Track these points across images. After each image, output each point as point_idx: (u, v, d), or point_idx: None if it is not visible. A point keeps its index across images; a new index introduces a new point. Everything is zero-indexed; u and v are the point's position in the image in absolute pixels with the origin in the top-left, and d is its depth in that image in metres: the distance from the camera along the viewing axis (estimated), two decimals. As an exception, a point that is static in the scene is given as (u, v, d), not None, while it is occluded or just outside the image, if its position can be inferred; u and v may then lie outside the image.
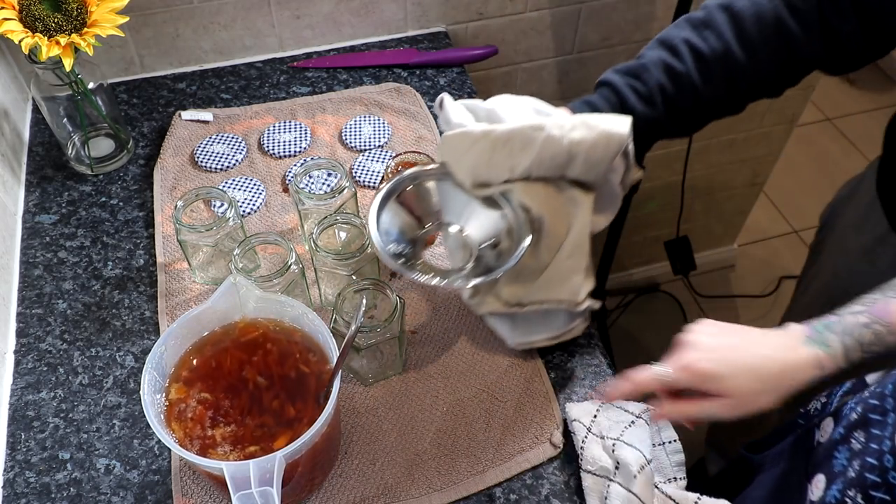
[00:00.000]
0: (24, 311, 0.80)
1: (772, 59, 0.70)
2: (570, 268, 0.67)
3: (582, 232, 0.67)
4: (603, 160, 0.65)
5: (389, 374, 0.75)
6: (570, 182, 0.68)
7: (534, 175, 0.66)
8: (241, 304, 0.64)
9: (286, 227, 0.88)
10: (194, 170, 0.94)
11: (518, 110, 0.69)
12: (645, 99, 0.71)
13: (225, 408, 0.61)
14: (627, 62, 0.74)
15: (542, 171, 0.66)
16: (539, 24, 1.24)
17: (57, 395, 0.73)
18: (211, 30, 1.06)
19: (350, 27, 1.12)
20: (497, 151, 0.65)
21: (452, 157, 0.68)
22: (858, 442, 0.52)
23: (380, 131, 0.98)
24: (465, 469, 0.69)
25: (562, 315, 0.72)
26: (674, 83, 0.71)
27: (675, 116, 0.72)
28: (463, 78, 1.09)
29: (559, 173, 0.67)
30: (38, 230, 0.87)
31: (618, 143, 0.64)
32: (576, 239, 0.67)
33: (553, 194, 0.68)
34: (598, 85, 0.75)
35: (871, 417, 0.51)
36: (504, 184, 0.67)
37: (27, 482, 0.68)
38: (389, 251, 0.66)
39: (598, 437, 0.65)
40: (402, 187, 0.71)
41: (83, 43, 0.78)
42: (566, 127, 0.64)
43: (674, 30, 0.73)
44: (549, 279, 0.68)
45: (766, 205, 2.22)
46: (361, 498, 0.67)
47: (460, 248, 0.72)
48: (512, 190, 0.67)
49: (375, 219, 0.67)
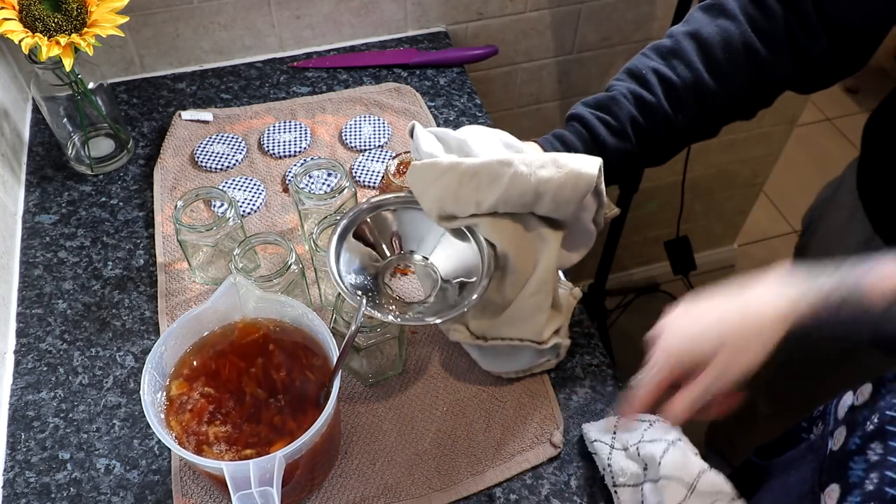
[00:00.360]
0: (24, 311, 0.80)
1: (742, 84, 0.70)
2: (532, 306, 0.67)
3: (547, 270, 0.66)
4: (571, 200, 0.63)
5: (389, 374, 0.75)
6: (538, 218, 0.67)
7: (501, 210, 0.65)
8: (241, 304, 0.64)
9: (286, 227, 0.88)
10: (194, 170, 0.94)
11: (488, 143, 0.68)
12: (617, 133, 0.70)
13: (226, 409, 0.60)
14: (596, 95, 0.74)
15: (508, 206, 0.65)
16: (539, 24, 1.24)
17: (57, 395, 0.73)
18: (211, 30, 1.06)
19: (350, 27, 1.12)
20: (464, 185, 0.64)
21: (420, 187, 0.67)
22: (875, 453, 0.51)
23: (380, 131, 0.98)
24: (465, 469, 0.69)
25: (528, 352, 0.72)
26: (645, 115, 0.70)
27: (648, 147, 0.72)
28: (463, 78, 1.09)
29: (527, 210, 0.65)
30: (38, 230, 0.87)
31: (586, 184, 0.63)
32: (541, 277, 0.66)
33: (520, 231, 0.67)
34: (568, 118, 0.74)
35: (889, 429, 0.51)
36: (470, 218, 0.66)
37: (27, 482, 0.68)
38: (350, 286, 0.66)
39: (621, 449, 0.65)
40: (361, 219, 0.70)
41: (83, 43, 0.78)
42: (535, 164, 0.63)
43: (642, 59, 0.73)
44: (513, 316, 0.67)
45: (766, 205, 2.22)
46: (361, 498, 0.67)
47: (427, 277, 0.71)
48: (478, 224, 0.66)
49: (335, 253, 0.66)
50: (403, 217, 0.71)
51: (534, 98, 1.37)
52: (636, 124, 0.70)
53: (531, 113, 1.40)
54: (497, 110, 1.35)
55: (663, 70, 0.70)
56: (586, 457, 0.70)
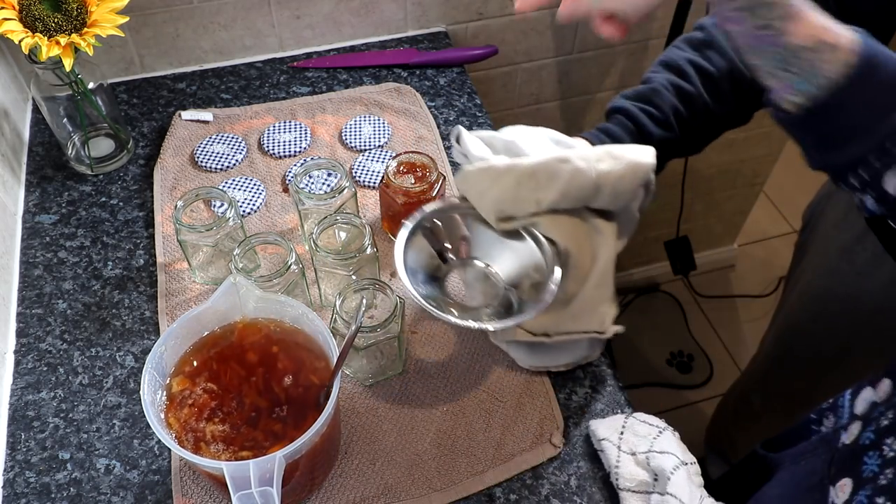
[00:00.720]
0: (24, 311, 0.80)
1: None
2: (597, 298, 0.67)
3: (607, 261, 0.67)
4: (629, 190, 0.65)
5: (389, 374, 0.75)
6: (592, 211, 0.67)
7: (560, 208, 0.66)
8: (241, 304, 0.64)
9: (286, 227, 0.88)
10: (194, 170, 0.94)
11: (538, 142, 0.68)
12: (661, 123, 0.71)
13: (227, 408, 0.60)
14: (635, 87, 0.74)
15: (567, 203, 0.65)
16: (539, 24, 1.24)
17: (57, 395, 0.73)
18: (211, 30, 1.06)
19: (350, 27, 1.12)
20: (522, 185, 0.64)
21: (475, 192, 0.67)
22: (892, 449, 0.51)
23: (380, 131, 0.98)
24: (465, 469, 0.69)
25: (585, 342, 0.72)
26: (686, 104, 0.71)
27: (689, 136, 0.73)
28: (463, 78, 1.09)
29: (584, 204, 0.66)
30: (38, 230, 0.87)
31: (644, 173, 0.64)
32: (602, 268, 0.67)
33: (578, 226, 0.67)
34: (610, 112, 0.75)
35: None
36: (529, 217, 0.67)
37: (27, 482, 0.68)
38: (420, 293, 0.65)
39: (629, 454, 0.65)
40: (425, 223, 0.70)
41: (83, 43, 0.78)
42: (592, 158, 0.63)
43: (676, 51, 0.73)
44: (578, 310, 0.68)
45: (766, 205, 2.22)
46: (361, 498, 0.67)
47: (481, 282, 0.71)
48: (537, 223, 0.67)
49: (402, 259, 0.65)
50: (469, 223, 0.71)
51: (534, 98, 1.37)
52: (678, 114, 0.71)
53: (531, 113, 1.40)
54: (497, 110, 1.35)
55: (699, 60, 0.71)
56: (586, 457, 0.70)
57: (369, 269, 0.76)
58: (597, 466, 0.70)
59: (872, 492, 0.49)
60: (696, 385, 1.78)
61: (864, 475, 0.52)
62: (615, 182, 0.64)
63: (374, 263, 0.76)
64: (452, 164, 0.96)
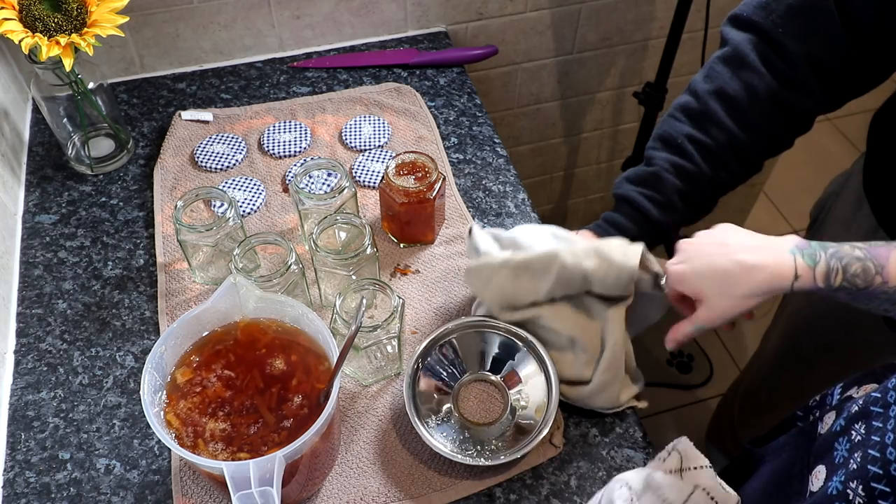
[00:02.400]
0: (24, 311, 0.80)
1: (776, 128, 0.72)
2: (607, 381, 0.70)
3: (616, 345, 0.69)
4: (617, 286, 0.67)
5: (389, 374, 0.75)
6: (599, 298, 0.70)
7: (558, 296, 0.70)
8: (241, 304, 0.64)
9: (286, 227, 0.88)
10: (194, 170, 0.94)
11: (537, 237, 0.73)
12: (665, 207, 0.74)
13: (228, 408, 0.60)
14: (637, 169, 0.77)
15: (564, 291, 0.69)
16: (539, 24, 1.24)
17: (57, 395, 0.73)
18: (211, 30, 1.06)
19: (350, 27, 1.12)
20: (519, 277, 0.69)
21: (479, 284, 0.72)
22: (859, 433, 0.52)
23: (380, 131, 0.98)
24: (465, 469, 0.69)
25: None
26: (689, 183, 0.73)
27: (698, 208, 0.76)
28: (463, 78, 1.09)
29: (582, 291, 0.69)
30: (38, 230, 0.87)
31: (628, 274, 0.66)
32: (610, 353, 0.69)
33: (581, 315, 0.71)
34: (616, 199, 0.78)
35: (873, 410, 0.52)
36: (531, 308, 0.71)
37: (27, 482, 0.68)
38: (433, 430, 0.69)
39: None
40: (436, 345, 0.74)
41: (83, 43, 0.78)
42: (579, 255, 0.67)
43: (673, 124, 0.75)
44: (591, 391, 0.71)
45: (766, 205, 2.22)
46: (361, 498, 0.67)
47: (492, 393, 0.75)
48: (540, 315, 0.71)
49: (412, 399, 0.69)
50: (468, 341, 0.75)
51: (534, 98, 1.37)
52: (682, 194, 0.74)
53: (531, 113, 1.40)
54: (497, 110, 1.35)
55: (697, 136, 0.72)
56: (586, 457, 0.70)
57: (369, 269, 0.76)
58: (597, 466, 0.70)
59: (845, 477, 0.50)
60: (696, 385, 1.78)
61: (836, 461, 0.53)
62: (602, 278, 0.66)
63: (374, 263, 0.76)
64: (452, 164, 0.96)
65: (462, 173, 0.95)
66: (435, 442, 0.67)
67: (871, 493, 0.47)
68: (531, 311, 0.71)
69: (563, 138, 1.50)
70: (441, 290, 0.82)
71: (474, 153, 0.98)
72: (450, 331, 0.74)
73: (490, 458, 0.66)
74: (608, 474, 0.69)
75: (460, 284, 0.82)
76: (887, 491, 0.46)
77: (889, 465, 0.47)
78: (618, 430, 0.72)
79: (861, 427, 0.52)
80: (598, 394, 0.70)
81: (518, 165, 1.28)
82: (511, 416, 0.71)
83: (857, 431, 0.52)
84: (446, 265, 0.84)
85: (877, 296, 0.56)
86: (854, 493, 0.48)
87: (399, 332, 0.70)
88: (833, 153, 2.35)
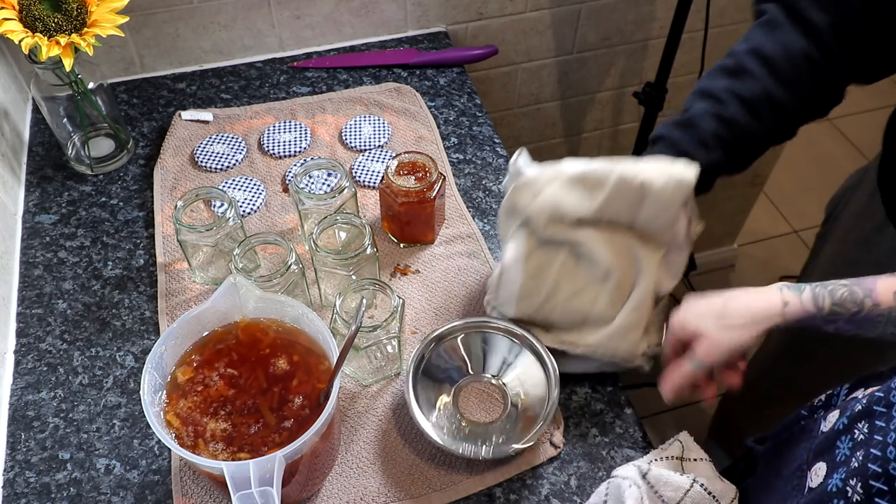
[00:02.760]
0: (24, 311, 0.80)
1: (810, 89, 0.72)
2: (633, 323, 0.69)
3: (646, 290, 0.69)
4: (672, 202, 0.67)
5: (389, 374, 0.75)
6: (638, 241, 0.70)
7: (606, 216, 0.69)
8: (241, 304, 0.64)
9: (286, 227, 0.88)
10: (194, 170, 0.94)
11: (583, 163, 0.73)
12: (699, 144, 0.74)
13: (227, 408, 0.60)
14: (675, 116, 0.77)
15: (613, 209, 0.69)
16: (539, 24, 1.24)
17: (57, 395, 0.73)
18: (211, 30, 1.06)
19: (350, 27, 1.12)
20: (573, 188, 0.69)
21: (529, 195, 0.71)
22: (861, 432, 0.52)
23: (380, 131, 0.98)
24: (465, 469, 0.69)
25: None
26: (727, 128, 0.73)
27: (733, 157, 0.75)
28: (463, 78, 1.09)
29: (630, 214, 0.69)
30: (38, 230, 0.87)
31: (686, 187, 0.67)
32: (640, 295, 0.69)
33: (622, 248, 0.70)
34: (652, 140, 0.78)
35: (876, 409, 0.52)
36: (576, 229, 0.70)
37: (27, 482, 0.68)
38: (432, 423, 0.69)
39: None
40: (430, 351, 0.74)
41: (83, 43, 0.78)
42: (637, 167, 0.67)
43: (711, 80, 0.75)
44: (614, 332, 0.70)
45: (766, 205, 2.22)
46: (361, 498, 0.67)
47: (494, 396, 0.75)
48: (584, 240, 0.70)
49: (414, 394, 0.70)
50: (469, 341, 0.75)
51: (534, 98, 1.37)
52: (720, 138, 0.73)
53: (531, 113, 1.40)
54: (497, 110, 1.35)
55: (735, 87, 0.73)
56: (586, 457, 0.70)
57: (369, 269, 0.76)
58: (597, 466, 0.70)
59: (846, 475, 0.50)
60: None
61: (837, 459, 0.53)
62: (658, 191, 0.67)
63: (374, 263, 0.76)
64: (452, 164, 0.96)
65: (462, 173, 0.95)
66: (434, 436, 0.67)
67: (869, 491, 0.48)
68: (575, 232, 0.70)
69: (563, 138, 1.50)
70: (441, 290, 0.82)
71: (474, 153, 0.98)
72: (450, 331, 0.74)
73: (490, 453, 0.66)
74: (608, 474, 0.69)
75: (460, 284, 0.82)
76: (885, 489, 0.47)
77: (888, 464, 0.47)
78: (618, 430, 0.72)
79: (864, 426, 0.52)
80: (621, 337, 0.70)
81: (518, 165, 1.28)
82: (511, 416, 0.71)
83: (860, 430, 0.52)
84: (446, 265, 0.84)
85: (875, 319, 0.59)
86: (853, 491, 0.49)
87: (399, 332, 0.70)
88: (833, 153, 2.35)
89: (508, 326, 0.73)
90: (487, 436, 0.70)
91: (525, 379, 0.73)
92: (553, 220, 0.70)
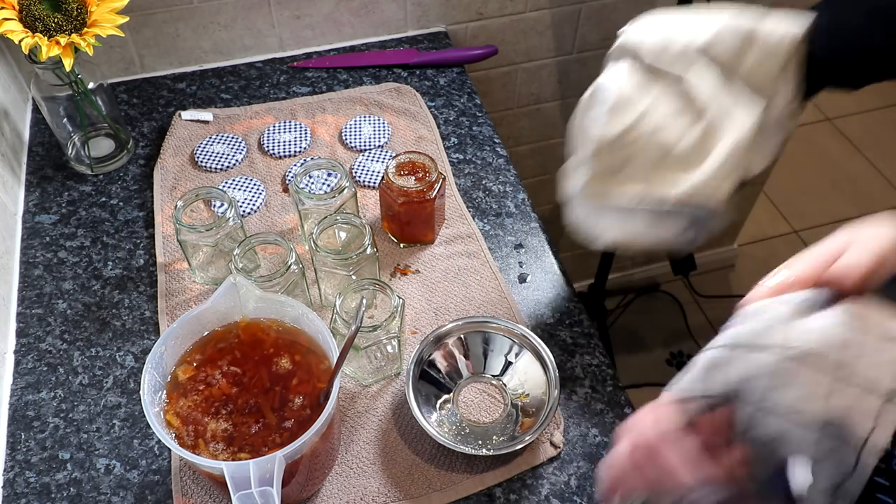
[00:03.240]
0: (24, 311, 0.80)
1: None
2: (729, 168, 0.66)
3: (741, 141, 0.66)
4: (778, 50, 0.65)
5: (389, 373, 0.75)
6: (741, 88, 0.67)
7: (712, 52, 0.67)
8: (241, 304, 0.64)
9: (286, 227, 0.88)
10: (194, 170, 0.94)
11: None
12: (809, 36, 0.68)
13: (227, 408, 0.60)
14: None
15: (720, 48, 0.66)
16: (539, 24, 1.24)
17: (57, 395, 0.73)
18: (211, 30, 1.06)
19: (350, 27, 1.12)
20: (684, 25, 0.69)
21: (639, 34, 0.71)
22: None
23: (380, 131, 0.98)
24: (465, 469, 0.69)
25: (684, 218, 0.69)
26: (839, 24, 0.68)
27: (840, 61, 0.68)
28: (463, 78, 1.09)
29: (736, 58, 0.66)
30: (38, 230, 0.87)
31: (792, 38, 0.64)
32: (736, 139, 0.66)
33: (723, 89, 0.68)
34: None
35: None
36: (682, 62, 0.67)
37: (27, 482, 0.68)
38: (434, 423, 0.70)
39: None
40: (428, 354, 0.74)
41: (83, 43, 0.78)
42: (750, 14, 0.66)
43: None
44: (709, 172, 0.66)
45: (766, 205, 2.22)
46: (361, 498, 0.67)
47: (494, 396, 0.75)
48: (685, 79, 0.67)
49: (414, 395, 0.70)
50: (469, 341, 0.75)
51: (534, 98, 1.37)
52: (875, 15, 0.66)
53: (531, 113, 1.40)
54: (497, 110, 1.35)
55: None
56: (586, 457, 0.70)
57: (369, 269, 0.76)
58: (597, 466, 0.70)
59: None
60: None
61: None
62: (766, 35, 0.65)
63: (374, 263, 0.76)
64: (452, 164, 0.96)
65: (462, 173, 0.95)
66: (435, 435, 0.67)
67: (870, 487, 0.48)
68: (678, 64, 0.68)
69: (563, 138, 1.50)
70: (441, 290, 0.82)
71: (474, 153, 0.98)
72: (450, 330, 0.74)
73: (490, 450, 0.67)
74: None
75: (460, 284, 0.83)
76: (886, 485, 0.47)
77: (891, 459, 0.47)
78: (618, 430, 0.72)
79: None
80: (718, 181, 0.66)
81: (518, 165, 1.27)
82: (512, 415, 0.71)
83: None
84: (446, 265, 0.84)
85: None
86: None
87: (399, 332, 0.70)
88: (833, 153, 2.35)
89: (509, 327, 0.73)
90: (487, 436, 0.70)
91: (525, 379, 0.73)
92: (661, 50, 0.69)
